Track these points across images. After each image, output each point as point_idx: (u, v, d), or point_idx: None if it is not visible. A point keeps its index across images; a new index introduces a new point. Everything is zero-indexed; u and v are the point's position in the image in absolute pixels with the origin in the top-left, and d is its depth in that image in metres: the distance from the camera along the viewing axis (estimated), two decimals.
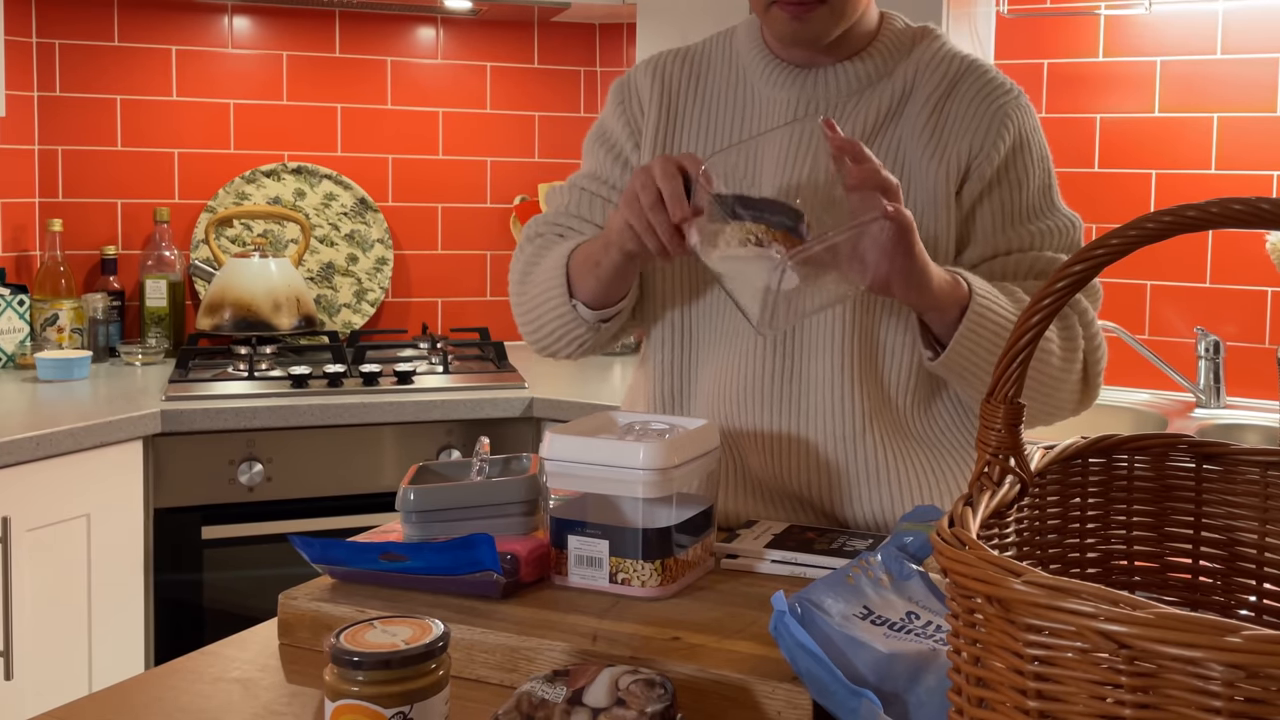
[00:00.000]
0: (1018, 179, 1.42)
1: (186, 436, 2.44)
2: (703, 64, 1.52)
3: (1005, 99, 1.42)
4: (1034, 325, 0.75)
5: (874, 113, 1.42)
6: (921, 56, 1.44)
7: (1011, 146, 1.41)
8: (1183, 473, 0.97)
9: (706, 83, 1.51)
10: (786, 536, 1.29)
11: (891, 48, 1.45)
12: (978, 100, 1.41)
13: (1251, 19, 2.64)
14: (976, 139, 1.40)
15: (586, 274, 1.41)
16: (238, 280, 2.89)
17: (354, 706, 0.82)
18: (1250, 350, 2.68)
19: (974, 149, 1.40)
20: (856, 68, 1.44)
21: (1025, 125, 1.43)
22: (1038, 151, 1.45)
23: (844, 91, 1.44)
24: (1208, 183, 2.69)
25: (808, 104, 1.44)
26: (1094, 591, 0.60)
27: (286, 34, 3.15)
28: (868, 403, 1.40)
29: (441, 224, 3.29)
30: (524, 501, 1.23)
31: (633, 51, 3.23)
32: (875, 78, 1.44)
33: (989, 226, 1.42)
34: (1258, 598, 0.95)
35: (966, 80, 1.43)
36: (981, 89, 1.42)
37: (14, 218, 2.94)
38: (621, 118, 1.54)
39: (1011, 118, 1.42)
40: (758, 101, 1.47)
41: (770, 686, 0.94)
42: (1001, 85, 1.43)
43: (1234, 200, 0.67)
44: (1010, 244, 1.42)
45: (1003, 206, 1.42)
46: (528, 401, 2.61)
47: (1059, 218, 1.44)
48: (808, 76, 1.44)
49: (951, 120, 1.41)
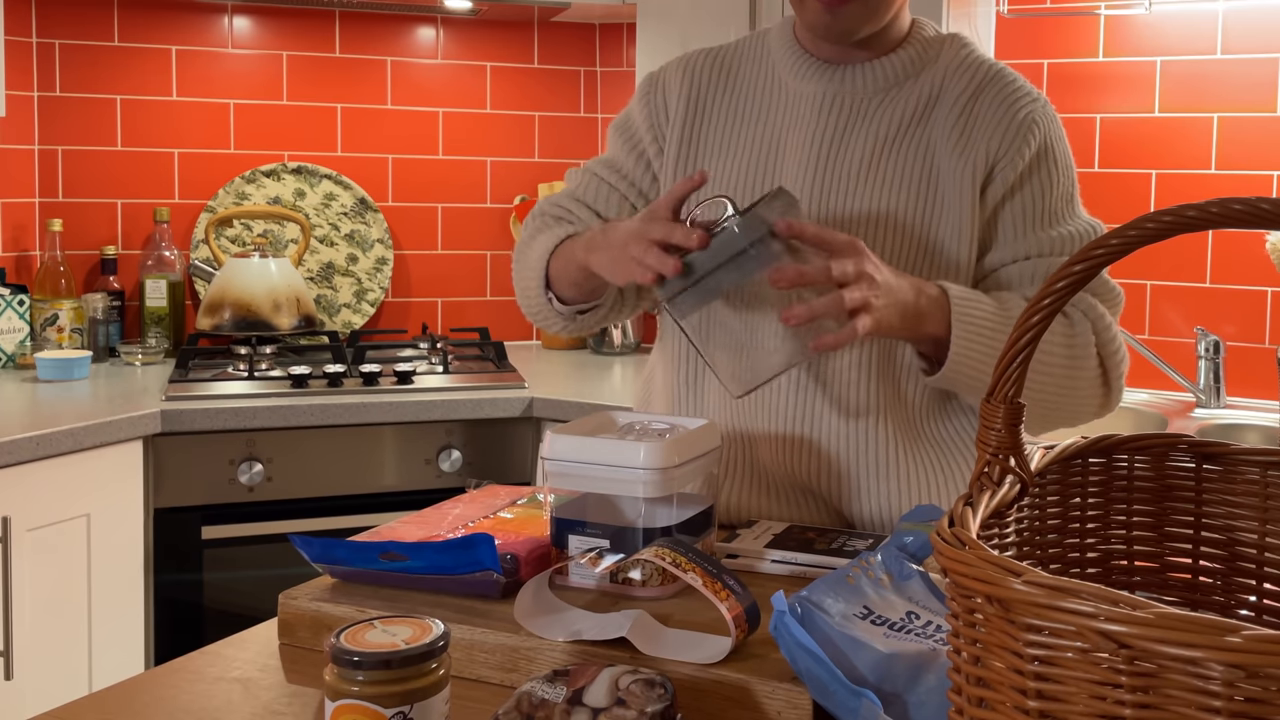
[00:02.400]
0: (1041, 185, 1.43)
1: (186, 436, 2.44)
2: (734, 62, 1.54)
3: (1032, 105, 1.43)
4: (1034, 325, 0.75)
5: (902, 113, 1.44)
6: (950, 62, 1.46)
7: (1036, 152, 1.43)
8: (1183, 473, 0.97)
9: (736, 80, 1.53)
10: (786, 536, 1.29)
11: (920, 51, 1.46)
12: (1004, 105, 1.42)
13: (1251, 19, 2.64)
14: (1003, 142, 1.41)
15: (565, 271, 1.45)
16: (238, 280, 2.89)
17: (354, 706, 0.82)
18: (1250, 350, 2.68)
19: (999, 151, 1.41)
20: (884, 67, 1.45)
21: (1050, 132, 1.44)
22: (1062, 159, 1.46)
23: (870, 89, 1.45)
24: (1208, 183, 2.69)
25: (834, 98, 1.45)
26: (1094, 591, 0.60)
27: (286, 34, 3.14)
28: (882, 398, 1.41)
29: (441, 224, 3.29)
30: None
31: (633, 52, 3.23)
32: (902, 78, 1.45)
33: (1011, 230, 1.43)
34: (1258, 598, 0.95)
35: (994, 86, 1.44)
36: (1009, 95, 1.43)
37: (14, 218, 2.94)
38: (645, 111, 1.56)
39: (1038, 124, 1.43)
40: (785, 94, 1.49)
41: (770, 686, 0.94)
42: (1029, 92, 1.45)
43: (1234, 200, 0.67)
44: (1031, 249, 1.43)
45: (1025, 211, 1.43)
46: (528, 401, 2.61)
47: (1080, 224, 1.45)
48: (836, 72, 1.46)
49: (978, 123, 1.42)
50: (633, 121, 1.57)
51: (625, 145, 1.57)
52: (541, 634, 1.02)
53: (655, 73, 1.58)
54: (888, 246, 1.40)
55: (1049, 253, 1.43)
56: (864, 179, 1.42)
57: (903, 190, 1.42)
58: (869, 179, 1.42)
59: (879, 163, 1.43)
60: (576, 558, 1.16)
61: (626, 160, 1.57)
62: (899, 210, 1.41)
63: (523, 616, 1.05)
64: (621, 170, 1.57)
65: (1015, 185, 1.43)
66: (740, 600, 0.99)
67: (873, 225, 1.41)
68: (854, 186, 1.42)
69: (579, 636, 1.01)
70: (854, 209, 1.42)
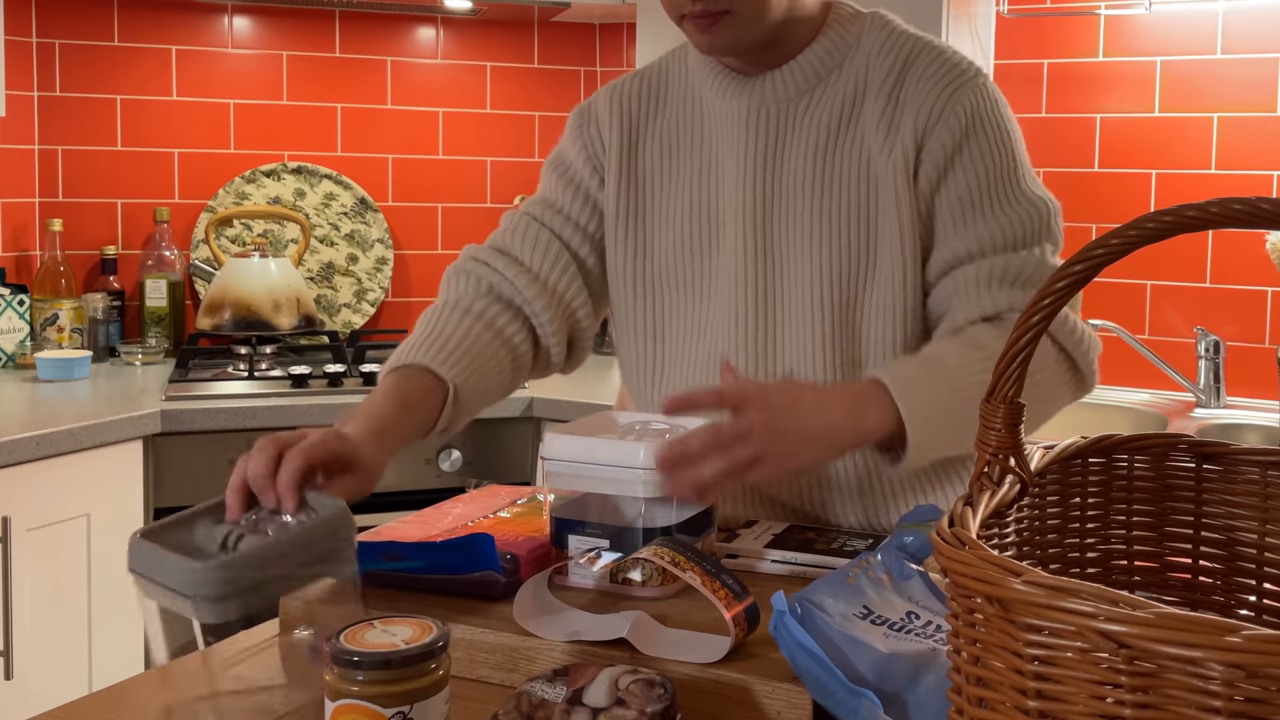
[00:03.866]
0: (974, 164, 1.33)
1: (186, 436, 2.44)
2: (661, 83, 1.49)
3: (957, 80, 1.33)
4: (1034, 325, 0.75)
5: (830, 113, 1.37)
6: (871, 45, 1.38)
7: (965, 127, 1.32)
8: (1183, 473, 0.97)
9: (665, 104, 1.48)
10: (786, 536, 1.29)
11: (838, 38, 1.38)
12: (927, 83, 1.33)
13: (1251, 19, 2.64)
14: (928, 122, 1.32)
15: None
16: (238, 280, 2.89)
17: (354, 706, 0.82)
18: (1250, 350, 2.68)
19: (924, 133, 1.32)
20: (801, 67, 1.38)
21: (979, 106, 1.33)
22: (994, 133, 1.34)
23: (793, 93, 1.38)
24: (1208, 183, 2.69)
25: (758, 112, 1.39)
26: (1094, 591, 0.60)
27: (286, 34, 3.14)
28: None
29: (441, 224, 3.29)
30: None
31: (633, 52, 3.23)
32: (824, 73, 1.38)
33: (950, 222, 1.33)
34: (1258, 598, 0.95)
35: (917, 64, 1.35)
36: (933, 72, 1.34)
37: (14, 218, 2.94)
38: (578, 146, 1.51)
39: (963, 100, 1.32)
40: (711, 114, 1.43)
41: (770, 686, 0.94)
42: (955, 66, 1.35)
43: (1234, 200, 0.67)
44: (973, 244, 1.32)
45: (960, 197, 1.33)
46: (528, 401, 2.61)
47: (1024, 205, 1.34)
48: (753, 84, 1.40)
49: (903, 107, 1.33)
50: (567, 157, 1.51)
51: (561, 182, 1.51)
52: (541, 634, 1.02)
53: (584, 106, 1.53)
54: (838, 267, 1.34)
55: (994, 249, 1.32)
56: (804, 194, 1.36)
57: (845, 199, 1.35)
58: (810, 193, 1.36)
59: (817, 173, 1.36)
60: (576, 557, 1.16)
61: (563, 197, 1.50)
62: (845, 223, 1.34)
63: (522, 616, 1.05)
64: (557, 207, 1.50)
65: (945, 168, 1.33)
66: (739, 599, 0.99)
67: (821, 245, 1.35)
68: (795, 205, 1.36)
69: (578, 637, 1.01)
70: (799, 229, 1.36)
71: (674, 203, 1.45)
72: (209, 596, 0.89)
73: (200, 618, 0.91)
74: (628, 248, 1.47)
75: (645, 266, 1.46)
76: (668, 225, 1.45)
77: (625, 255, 1.47)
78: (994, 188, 1.33)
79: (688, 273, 1.44)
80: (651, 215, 1.46)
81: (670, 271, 1.45)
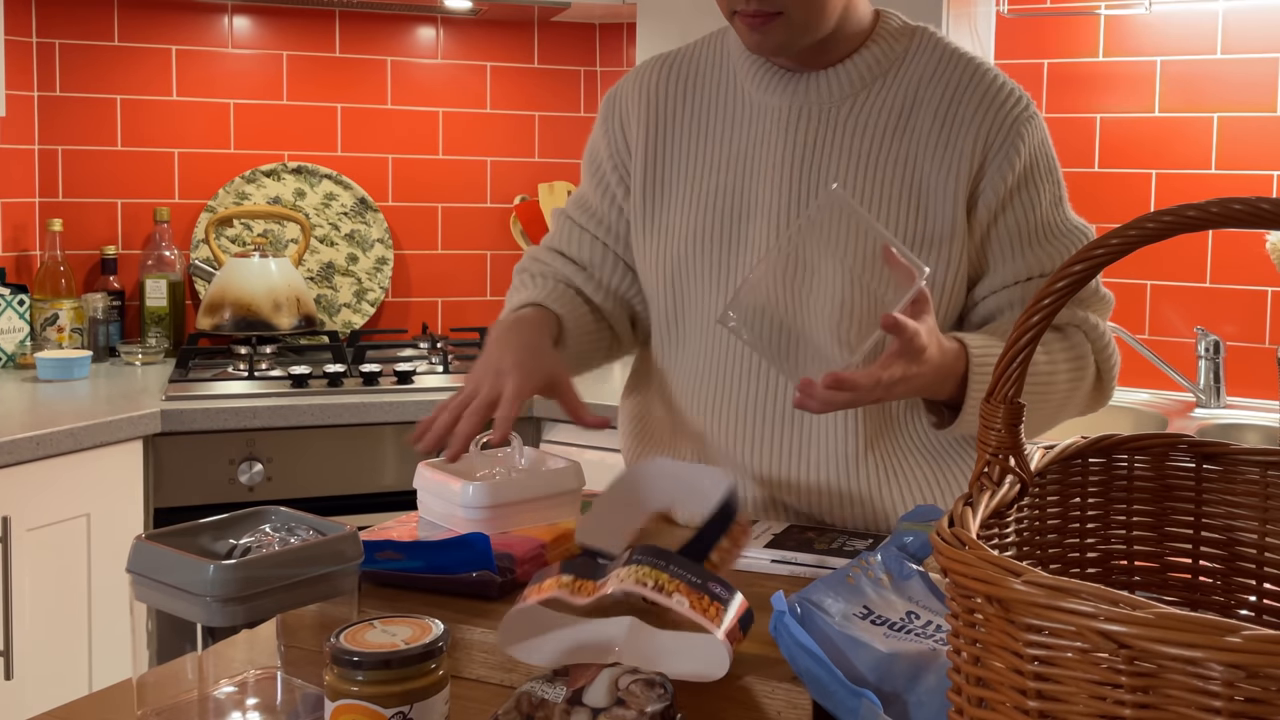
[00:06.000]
0: (1030, 199, 1.37)
1: (186, 436, 2.44)
2: (693, 68, 1.49)
3: (1017, 109, 1.36)
4: (1034, 325, 0.75)
5: (877, 122, 1.37)
6: (923, 60, 1.39)
7: (1027, 162, 1.36)
8: (1183, 473, 0.97)
9: (697, 88, 1.48)
10: (786, 536, 1.29)
11: (887, 48, 1.40)
12: (986, 109, 1.36)
13: (1251, 19, 2.64)
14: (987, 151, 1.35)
15: None
16: (238, 280, 2.89)
17: (354, 706, 0.82)
18: (1250, 350, 2.68)
19: (984, 160, 1.35)
20: (850, 70, 1.39)
21: (1037, 138, 1.38)
22: (1047, 165, 1.39)
23: (837, 95, 1.39)
24: (1208, 183, 2.69)
25: (801, 110, 1.40)
26: (1094, 591, 0.60)
27: (286, 34, 3.14)
28: (868, 427, 1.38)
29: (441, 224, 3.29)
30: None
31: (633, 51, 3.22)
32: (870, 79, 1.39)
33: (1006, 250, 1.37)
34: (1258, 598, 0.95)
35: (976, 87, 1.37)
36: (993, 98, 1.36)
37: (14, 218, 2.94)
38: (607, 141, 1.53)
39: (1024, 136, 1.36)
40: (749, 107, 1.43)
41: (770, 686, 0.94)
42: (1012, 94, 1.38)
43: (1234, 200, 0.67)
44: (1021, 271, 1.37)
45: (1018, 228, 1.37)
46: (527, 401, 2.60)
47: (1073, 234, 1.40)
48: (799, 80, 1.40)
49: (960, 133, 1.35)
50: (598, 154, 1.54)
51: (593, 181, 1.54)
52: (527, 659, 0.97)
53: (613, 92, 1.55)
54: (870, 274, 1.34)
55: (1042, 274, 1.38)
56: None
57: (888, 209, 1.36)
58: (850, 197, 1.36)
59: (858, 180, 1.37)
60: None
61: (594, 197, 1.54)
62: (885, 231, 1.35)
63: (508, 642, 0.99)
64: (591, 209, 1.54)
65: (1006, 200, 1.36)
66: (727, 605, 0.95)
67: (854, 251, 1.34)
68: None
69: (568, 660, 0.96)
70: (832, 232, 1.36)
71: (698, 188, 1.44)
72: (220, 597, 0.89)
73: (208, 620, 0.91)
74: (649, 229, 1.48)
75: (665, 248, 1.46)
76: (690, 210, 1.44)
77: (647, 237, 1.48)
78: (1048, 219, 1.39)
79: (708, 261, 1.43)
80: (674, 198, 1.46)
81: (690, 257, 1.44)
